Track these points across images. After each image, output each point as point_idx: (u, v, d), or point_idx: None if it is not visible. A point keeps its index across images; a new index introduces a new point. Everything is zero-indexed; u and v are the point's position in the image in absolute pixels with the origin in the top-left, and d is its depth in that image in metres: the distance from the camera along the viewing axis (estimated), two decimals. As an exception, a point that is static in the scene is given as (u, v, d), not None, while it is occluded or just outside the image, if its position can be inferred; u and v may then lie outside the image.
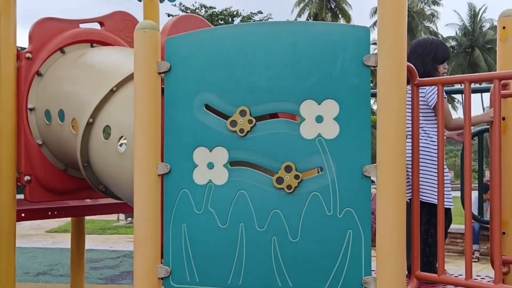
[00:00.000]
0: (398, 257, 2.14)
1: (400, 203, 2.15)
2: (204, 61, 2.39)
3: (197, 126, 2.38)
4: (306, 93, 2.27)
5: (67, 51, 3.46)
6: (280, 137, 2.29)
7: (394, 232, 2.14)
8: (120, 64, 3.14)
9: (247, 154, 2.33)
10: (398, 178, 2.15)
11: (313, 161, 2.26)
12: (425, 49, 2.92)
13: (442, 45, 3.08)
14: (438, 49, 3.00)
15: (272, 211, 2.28)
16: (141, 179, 2.42)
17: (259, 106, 2.33)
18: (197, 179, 2.36)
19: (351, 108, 2.23)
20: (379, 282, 2.14)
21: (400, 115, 2.17)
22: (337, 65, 2.24)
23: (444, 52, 3.02)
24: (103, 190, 3.16)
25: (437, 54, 2.97)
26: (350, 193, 2.21)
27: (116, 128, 2.86)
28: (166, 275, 2.38)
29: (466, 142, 2.20)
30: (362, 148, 2.22)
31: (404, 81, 2.18)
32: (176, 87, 2.42)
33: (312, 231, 2.24)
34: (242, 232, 2.30)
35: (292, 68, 2.30)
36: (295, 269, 2.25)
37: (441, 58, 2.98)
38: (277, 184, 2.25)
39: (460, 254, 8.89)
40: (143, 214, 2.42)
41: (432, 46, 2.99)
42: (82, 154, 2.99)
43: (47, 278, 7.24)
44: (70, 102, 3.14)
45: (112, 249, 9.76)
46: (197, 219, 2.35)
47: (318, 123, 2.25)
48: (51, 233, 12.30)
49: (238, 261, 2.30)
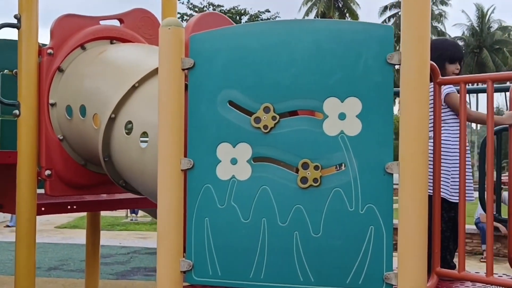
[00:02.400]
0: (419, 254, 2.16)
1: (422, 200, 2.17)
2: (228, 58, 2.42)
3: (220, 122, 2.41)
4: (329, 90, 2.30)
5: (88, 48, 3.50)
6: (304, 133, 2.32)
7: (415, 229, 2.16)
8: (142, 60, 3.18)
9: (270, 150, 2.36)
10: (420, 175, 2.18)
11: (335, 157, 2.29)
12: (434, 48, 2.95)
13: (453, 45, 3.11)
14: (448, 48, 3.02)
15: (294, 207, 2.31)
16: (164, 174, 2.46)
17: (283, 103, 2.36)
18: (220, 175, 2.39)
19: (373, 106, 2.25)
20: (401, 278, 2.16)
21: (423, 113, 2.19)
22: (360, 63, 2.27)
23: (454, 52, 3.03)
24: (123, 185, 3.20)
25: (445, 53, 2.98)
26: (372, 190, 2.24)
27: (138, 124, 2.89)
28: (188, 269, 2.41)
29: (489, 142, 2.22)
30: (384, 145, 2.24)
31: (427, 80, 2.21)
32: (200, 83, 2.45)
33: (334, 227, 2.27)
34: (264, 227, 2.33)
35: (315, 65, 2.32)
36: (316, 264, 2.28)
37: (449, 58, 2.98)
38: (302, 184, 2.28)
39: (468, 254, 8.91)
40: (166, 209, 2.45)
41: (441, 46, 3.02)
42: (103, 149, 3.03)
43: (58, 273, 7.30)
44: (91, 97, 3.17)
45: (122, 245, 9.83)
46: (219, 214, 2.38)
47: (341, 120, 2.28)
48: (61, 228, 12.39)
49: (260, 256, 2.34)
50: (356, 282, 2.24)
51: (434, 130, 2.38)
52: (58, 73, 3.39)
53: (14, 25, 3.35)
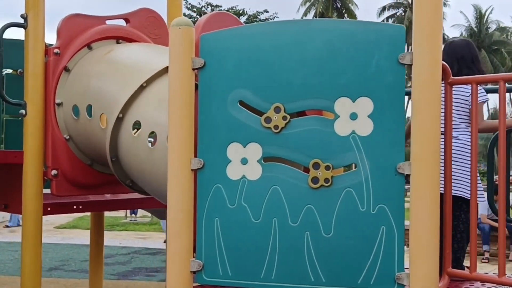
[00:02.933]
0: (431, 254, 2.16)
1: (433, 200, 2.17)
2: (239, 57, 2.42)
3: (231, 122, 2.41)
4: (340, 90, 2.30)
5: (94, 47, 3.49)
6: (315, 133, 2.32)
7: (427, 229, 2.16)
8: (149, 60, 3.17)
9: (281, 150, 2.36)
10: (432, 176, 2.17)
11: (347, 157, 2.28)
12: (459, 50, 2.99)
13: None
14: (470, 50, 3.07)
15: (305, 207, 2.30)
16: (174, 173, 2.45)
17: (294, 103, 2.35)
18: (231, 174, 2.39)
19: (385, 106, 2.25)
20: (412, 278, 2.16)
21: (435, 113, 2.19)
22: (372, 63, 2.27)
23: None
24: (129, 184, 3.19)
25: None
26: (384, 190, 2.24)
27: (146, 123, 2.89)
28: (198, 269, 2.41)
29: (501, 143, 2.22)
30: (395, 145, 2.24)
31: (439, 80, 2.20)
32: (210, 83, 2.45)
33: (345, 227, 2.26)
34: (275, 227, 2.33)
35: (327, 65, 2.32)
36: (327, 264, 2.28)
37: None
38: (313, 184, 2.27)
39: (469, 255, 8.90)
40: (176, 209, 2.45)
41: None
42: (111, 149, 3.02)
43: (59, 273, 7.28)
44: (98, 97, 3.17)
45: (122, 245, 9.81)
46: (230, 213, 2.38)
47: (352, 120, 2.28)
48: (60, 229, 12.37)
49: (271, 256, 2.33)
50: (367, 282, 2.24)
51: (446, 130, 2.38)
52: (65, 72, 3.38)
53: (21, 24, 3.34)
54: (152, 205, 3.85)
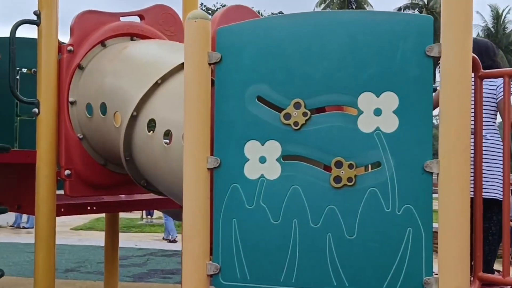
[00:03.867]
0: (462, 257, 2.04)
1: (464, 201, 2.05)
2: (257, 51, 2.32)
3: (248, 118, 2.30)
4: (364, 85, 2.18)
5: (108, 44, 3.42)
6: (337, 130, 2.21)
7: (458, 231, 2.04)
8: (164, 57, 3.09)
9: (301, 148, 2.25)
10: (462, 174, 2.05)
11: (371, 155, 2.17)
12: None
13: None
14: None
15: (327, 207, 2.19)
16: (190, 173, 2.36)
17: (314, 98, 2.24)
18: (249, 174, 2.29)
19: (411, 101, 2.14)
20: (442, 284, 2.04)
21: (465, 108, 2.07)
22: (397, 56, 2.16)
23: None
24: (144, 185, 3.11)
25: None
26: (410, 190, 2.12)
27: (161, 122, 2.80)
28: (215, 272, 2.31)
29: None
30: (422, 142, 2.12)
31: (469, 73, 2.09)
32: (227, 78, 2.35)
33: (370, 228, 2.15)
34: (296, 228, 2.22)
35: (349, 59, 2.21)
36: (351, 268, 2.17)
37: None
38: (335, 183, 2.16)
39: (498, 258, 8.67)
40: (192, 209, 2.35)
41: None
42: (125, 148, 2.94)
43: (75, 275, 7.24)
44: (112, 95, 3.09)
45: (138, 247, 9.76)
46: (248, 214, 2.28)
47: (376, 116, 2.16)
48: (77, 230, 12.37)
49: (291, 259, 2.23)
50: (393, 287, 2.12)
51: (475, 126, 2.25)
52: (78, 70, 3.32)
53: (34, 21, 3.28)
54: (168, 206, 3.77)
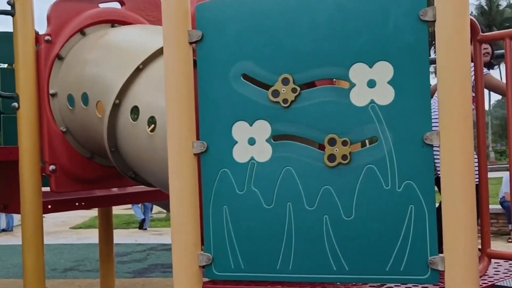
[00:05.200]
0: (468, 234, 1.91)
1: (469, 173, 1.91)
2: (240, 26, 2.17)
3: (235, 98, 2.17)
4: (355, 55, 2.04)
5: (88, 33, 3.27)
6: (329, 106, 2.07)
7: (463, 205, 1.91)
8: (146, 41, 2.94)
9: (292, 127, 2.11)
10: (465, 145, 1.92)
11: (366, 130, 2.03)
12: None
13: None
14: None
15: (322, 188, 2.06)
16: (175, 160, 2.22)
17: (303, 72, 2.10)
18: (238, 157, 2.15)
19: (407, 70, 2.00)
20: (448, 262, 1.91)
21: (464, 74, 1.93)
22: (390, 22, 2.01)
23: None
24: (132, 176, 2.98)
25: None
26: (410, 164, 1.99)
27: (145, 108, 2.66)
28: (208, 263, 2.18)
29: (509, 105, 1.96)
30: (421, 113, 1.99)
31: (467, 36, 1.94)
32: (210, 57, 2.21)
33: (368, 208, 2.02)
34: (290, 212, 2.09)
35: (338, 28, 2.07)
36: (351, 251, 2.04)
37: None
38: (330, 162, 2.03)
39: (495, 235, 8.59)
40: (179, 198, 2.22)
41: None
42: (109, 138, 2.80)
43: (75, 274, 7.13)
44: (94, 84, 2.95)
45: (138, 242, 9.65)
46: (239, 200, 2.15)
47: (370, 88, 2.03)
48: (76, 229, 12.25)
49: (287, 245, 2.10)
50: (397, 269, 1.99)
51: (476, 94, 2.11)
52: (58, 61, 3.17)
53: (8, 12, 3.12)
54: (160, 198, 3.64)
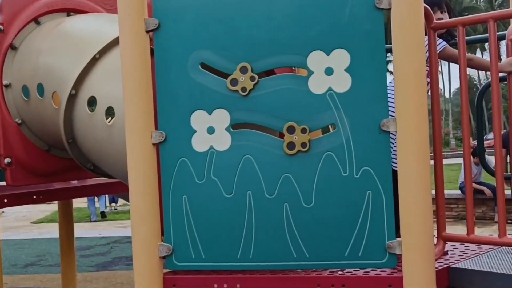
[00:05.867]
0: (424, 218, 1.95)
1: (424, 158, 1.95)
2: (198, 14, 2.15)
3: (193, 87, 2.15)
4: (313, 43, 2.05)
5: (42, 22, 3.17)
6: (287, 93, 2.08)
7: (419, 190, 1.95)
8: (103, 30, 2.88)
9: (251, 115, 2.11)
10: (420, 131, 1.95)
11: (324, 118, 2.05)
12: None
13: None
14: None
15: (282, 176, 2.07)
16: (134, 150, 2.19)
17: (262, 61, 2.10)
18: (197, 146, 2.14)
19: (363, 57, 2.02)
20: (405, 246, 1.95)
21: (419, 62, 1.96)
22: (346, 10, 2.03)
23: None
24: (91, 168, 2.92)
25: None
26: (367, 151, 2.01)
27: (102, 99, 2.61)
28: (168, 254, 2.17)
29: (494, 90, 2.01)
30: (378, 100, 2.01)
31: (422, 24, 1.98)
32: (167, 46, 2.18)
33: (328, 195, 2.04)
34: (250, 200, 2.09)
35: (296, 16, 2.07)
36: (311, 238, 2.06)
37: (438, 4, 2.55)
38: (289, 150, 2.04)
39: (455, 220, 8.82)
40: (138, 189, 2.19)
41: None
42: (66, 130, 2.74)
43: (36, 269, 7.00)
44: (49, 74, 2.87)
45: (102, 235, 9.53)
46: (199, 189, 2.14)
47: (328, 75, 2.04)
48: (37, 223, 12.00)
49: (247, 233, 2.10)
50: (355, 254, 2.02)
51: (431, 80, 2.15)
52: (11, 51, 3.07)
53: (-43, 0, 3.01)
54: (121, 189, 3.58)
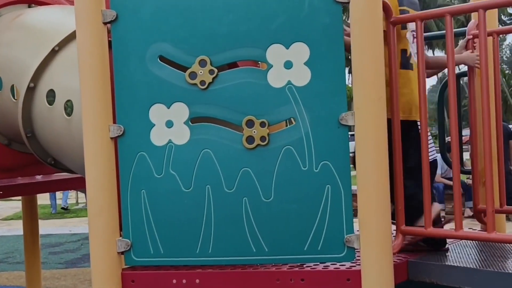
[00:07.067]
0: (382, 212, 1.95)
1: (381, 152, 1.96)
2: (156, 7, 2.12)
3: (151, 81, 2.12)
4: (272, 37, 2.04)
5: (2, 13, 3.09)
6: (246, 87, 2.06)
7: (376, 184, 1.95)
8: (62, 22, 2.81)
9: (210, 109, 2.09)
10: (378, 125, 1.96)
11: (283, 111, 2.04)
12: None
13: None
14: None
15: (241, 170, 2.05)
16: (91, 144, 2.15)
17: (221, 54, 2.08)
18: (155, 140, 2.11)
19: (322, 51, 2.01)
20: (363, 240, 1.95)
21: (378, 56, 1.96)
22: (305, 4, 2.02)
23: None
24: (51, 163, 2.86)
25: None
26: (327, 145, 2.01)
27: (61, 92, 2.55)
28: (126, 249, 2.14)
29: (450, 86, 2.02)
30: (336, 94, 2.01)
31: (380, 18, 1.98)
32: (125, 38, 2.14)
33: (287, 189, 2.03)
34: (209, 195, 2.08)
35: (255, 10, 2.06)
36: (270, 232, 2.05)
37: None
38: (248, 144, 2.02)
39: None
40: (96, 184, 2.16)
41: None
42: (24, 124, 2.68)
43: (3, 267, 6.87)
44: (7, 67, 2.80)
45: (72, 232, 9.40)
46: (157, 184, 2.11)
47: (287, 69, 2.03)
48: (7, 220, 11.76)
49: (206, 228, 2.08)
50: (314, 248, 2.02)
51: (390, 79, 2.15)
52: (-32, 42, 2.99)
53: None
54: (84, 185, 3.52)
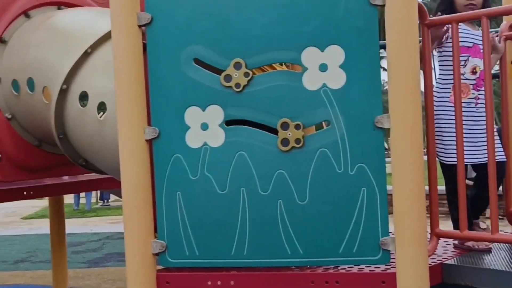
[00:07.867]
0: (418, 215, 1.95)
1: (417, 155, 1.95)
2: (191, 9, 2.13)
3: (186, 83, 2.13)
4: (307, 39, 2.04)
5: (32, 15, 3.13)
6: (281, 90, 2.07)
7: (412, 187, 1.94)
8: (94, 24, 2.84)
9: (244, 111, 2.10)
10: (414, 127, 1.95)
11: (318, 114, 2.04)
12: None
13: None
14: None
15: (276, 172, 2.06)
16: (126, 146, 2.17)
17: (255, 57, 2.09)
18: (191, 142, 2.12)
19: (357, 54, 2.01)
20: (399, 243, 1.95)
21: (413, 58, 1.96)
22: (340, 7, 2.02)
23: None
24: (83, 164, 2.89)
25: None
26: (362, 148, 2.01)
27: (94, 94, 2.58)
28: (161, 250, 2.15)
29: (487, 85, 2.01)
30: (372, 97, 2.01)
31: (416, 21, 1.98)
32: (160, 41, 2.16)
33: (322, 192, 2.03)
34: (244, 197, 2.08)
35: (290, 12, 2.06)
36: (305, 235, 2.05)
37: None
38: (283, 146, 2.03)
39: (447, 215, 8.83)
40: (131, 185, 2.18)
41: None
42: (57, 125, 2.71)
43: (26, 266, 6.96)
44: (40, 69, 2.83)
45: (93, 231, 9.49)
46: (192, 186, 2.12)
47: (322, 72, 2.03)
48: (28, 219, 11.93)
49: (241, 230, 2.09)
50: (349, 251, 2.02)
51: (425, 80, 2.15)
52: (1, 44, 3.03)
53: None
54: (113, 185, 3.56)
